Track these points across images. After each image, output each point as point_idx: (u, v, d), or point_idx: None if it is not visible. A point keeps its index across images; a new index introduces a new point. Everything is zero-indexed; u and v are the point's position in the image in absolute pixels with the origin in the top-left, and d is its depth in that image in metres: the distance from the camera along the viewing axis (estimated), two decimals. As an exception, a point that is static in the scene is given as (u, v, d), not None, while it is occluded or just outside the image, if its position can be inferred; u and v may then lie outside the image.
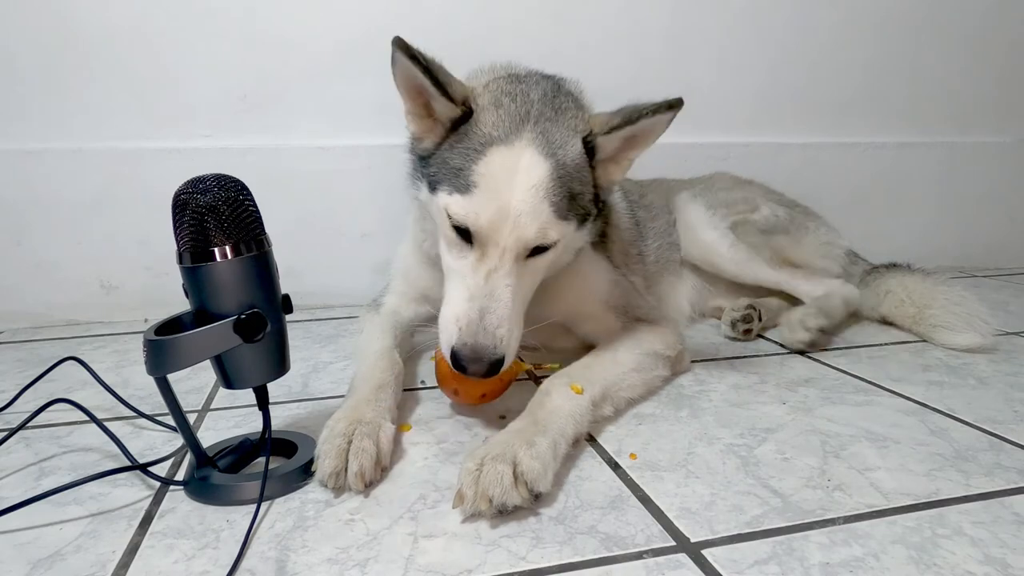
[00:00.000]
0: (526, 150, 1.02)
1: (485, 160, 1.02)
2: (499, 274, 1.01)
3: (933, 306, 1.58)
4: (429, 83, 1.03)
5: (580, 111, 1.13)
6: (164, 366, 0.84)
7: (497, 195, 1.00)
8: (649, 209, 1.75)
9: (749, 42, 2.15)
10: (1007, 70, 2.44)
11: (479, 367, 0.98)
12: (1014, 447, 1.03)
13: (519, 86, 1.12)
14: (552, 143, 1.04)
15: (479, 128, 1.05)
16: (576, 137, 1.08)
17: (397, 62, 1.03)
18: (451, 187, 1.04)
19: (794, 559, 0.74)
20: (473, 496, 0.81)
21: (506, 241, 1.01)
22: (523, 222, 1.00)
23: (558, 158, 1.04)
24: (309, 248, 1.88)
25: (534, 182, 1.01)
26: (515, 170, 1.01)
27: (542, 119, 1.06)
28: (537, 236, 1.02)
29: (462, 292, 1.03)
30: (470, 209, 1.01)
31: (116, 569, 0.74)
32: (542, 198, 1.01)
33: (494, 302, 1.00)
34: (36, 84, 1.70)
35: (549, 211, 1.02)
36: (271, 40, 1.81)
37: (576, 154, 1.07)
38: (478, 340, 0.98)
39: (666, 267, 1.72)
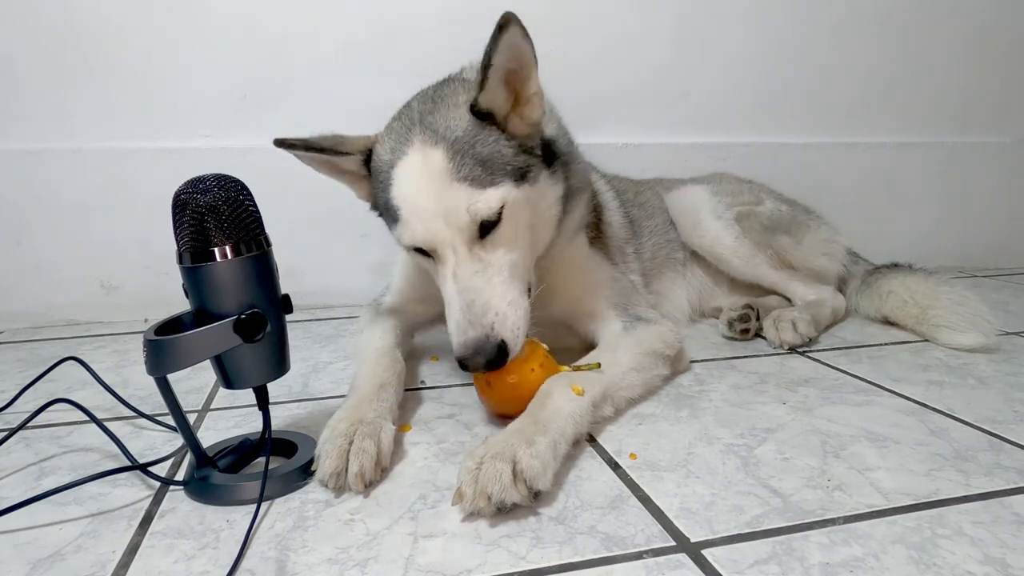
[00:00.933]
0: (419, 152, 1.05)
1: (394, 184, 1.07)
2: (463, 268, 1.04)
3: (936, 306, 1.58)
4: (319, 154, 1.14)
5: (464, 89, 1.12)
6: (164, 366, 0.84)
7: (414, 207, 1.05)
8: (644, 208, 1.75)
9: (750, 43, 2.16)
10: (1007, 70, 2.44)
11: (480, 358, 0.99)
12: (1014, 447, 1.03)
13: (403, 109, 1.18)
14: (437, 131, 1.06)
15: (381, 159, 1.11)
16: (460, 109, 1.08)
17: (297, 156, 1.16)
18: (390, 221, 1.11)
19: (794, 559, 0.74)
20: (472, 494, 0.81)
21: (448, 238, 1.04)
22: (448, 213, 1.02)
23: (447, 139, 1.04)
24: (309, 248, 1.88)
25: (434, 173, 1.03)
26: (414, 176, 1.05)
27: (425, 116, 1.09)
28: (470, 215, 1.02)
29: (448, 300, 1.06)
30: (405, 231, 1.07)
31: (116, 569, 0.74)
32: (449, 181, 1.02)
33: (471, 294, 1.02)
34: (36, 84, 1.70)
35: (464, 187, 1.02)
36: (271, 40, 1.81)
37: (464, 123, 1.06)
38: (468, 335, 1.00)
39: (665, 265, 1.72)
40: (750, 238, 1.67)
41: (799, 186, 2.01)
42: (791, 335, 1.50)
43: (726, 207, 1.70)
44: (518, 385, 1.05)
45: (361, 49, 1.85)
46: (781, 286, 1.71)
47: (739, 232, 1.67)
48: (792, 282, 1.71)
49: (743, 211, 1.71)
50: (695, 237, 1.72)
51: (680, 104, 2.14)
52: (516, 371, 1.04)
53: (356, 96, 1.87)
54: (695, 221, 1.71)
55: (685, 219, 1.74)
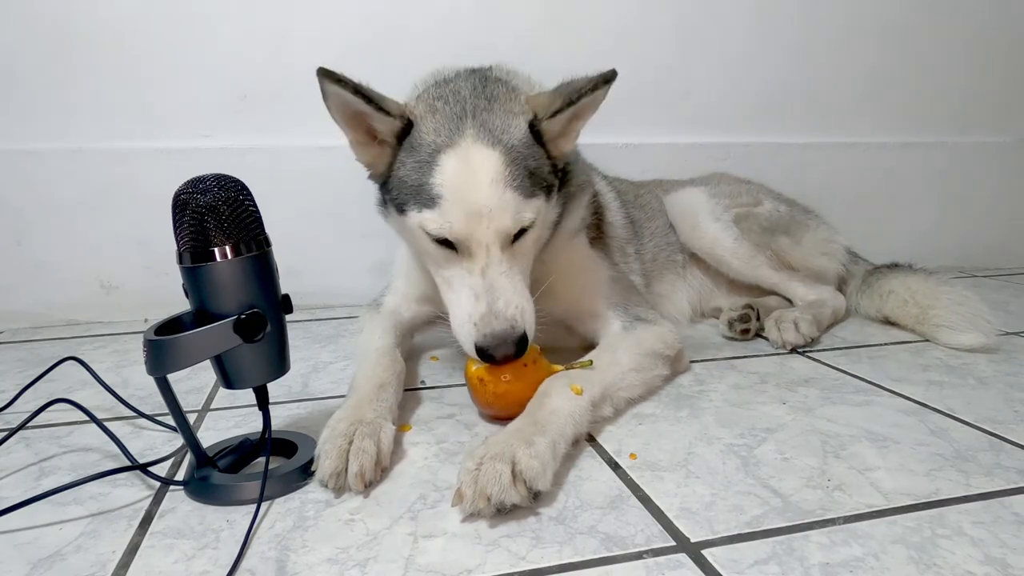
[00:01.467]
0: (473, 146, 1.04)
1: (439, 169, 1.04)
2: (493, 267, 1.05)
3: (936, 306, 1.58)
4: (363, 103, 1.06)
5: (514, 93, 1.15)
6: (164, 366, 0.84)
7: (463, 199, 1.03)
8: (645, 209, 1.75)
9: (750, 43, 2.16)
10: (1007, 70, 2.44)
11: (506, 349, 1.02)
12: (1014, 447, 1.03)
13: (447, 87, 1.15)
14: (494, 131, 1.06)
15: (422, 138, 1.08)
16: (518, 118, 1.10)
17: (328, 93, 1.07)
18: (418, 204, 1.06)
19: (794, 559, 0.74)
20: (472, 495, 0.81)
21: (487, 237, 1.04)
22: (496, 216, 1.03)
23: (505, 144, 1.06)
24: (309, 248, 1.88)
25: (492, 175, 1.03)
26: (470, 170, 1.03)
27: (478, 111, 1.09)
28: (514, 223, 1.05)
29: (466, 294, 1.05)
30: (443, 221, 1.04)
31: (116, 569, 0.74)
32: (504, 187, 1.03)
33: (498, 292, 1.04)
34: (36, 84, 1.70)
35: (515, 196, 1.04)
36: (271, 40, 1.81)
37: (522, 134, 1.09)
38: (495, 328, 1.02)
39: (665, 266, 1.72)
40: (749, 239, 1.68)
41: (799, 186, 2.01)
42: (793, 335, 1.50)
43: (724, 209, 1.70)
44: (512, 382, 1.06)
45: (361, 50, 1.85)
46: (781, 287, 1.71)
47: (738, 234, 1.67)
48: (792, 282, 1.71)
49: (742, 212, 1.71)
50: (694, 239, 1.72)
51: (680, 104, 2.14)
52: (509, 369, 1.06)
53: (356, 96, 1.88)
54: (694, 223, 1.71)
55: (684, 221, 1.74)
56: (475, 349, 1.04)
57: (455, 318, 1.07)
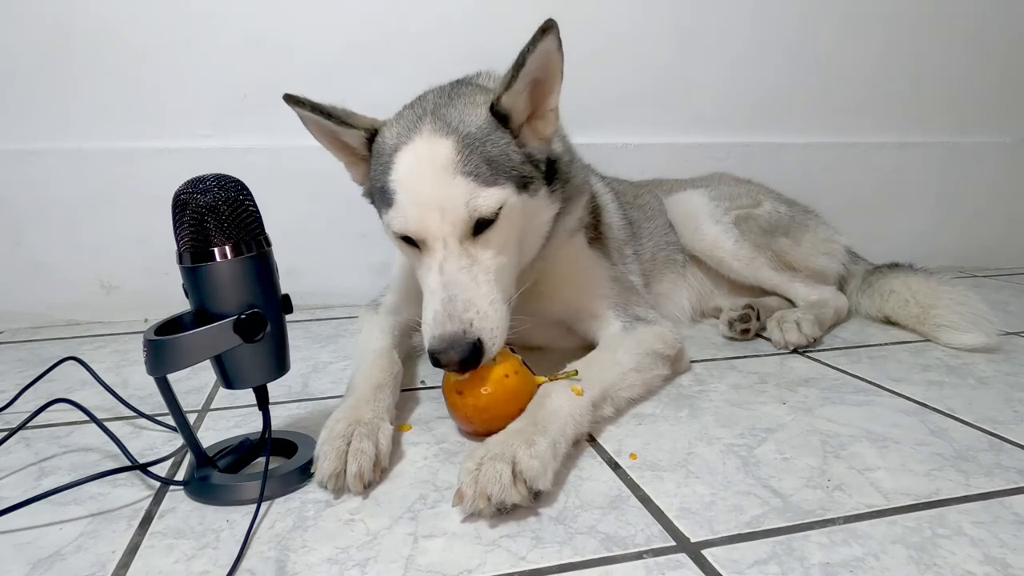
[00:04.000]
0: (425, 141, 1.04)
1: (395, 167, 1.05)
2: (451, 262, 1.02)
3: (938, 306, 1.58)
4: (324, 119, 1.11)
5: (483, 92, 1.14)
6: (164, 366, 0.84)
7: (413, 193, 1.03)
8: (643, 210, 1.75)
9: (750, 43, 2.16)
10: (1007, 70, 2.44)
11: (454, 354, 0.95)
12: (1014, 447, 1.03)
13: (417, 98, 1.18)
14: (450, 123, 1.06)
15: (385, 142, 1.10)
16: (479, 108, 1.09)
17: (301, 117, 1.13)
18: (383, 205, 1.08)
19: (794, 559, 0.74)
20: (472, 495, 0.81)
21: (442, 230, 1.02)
22: (447, 204, 1.01)
23: (459, 132, 1.04)
24: (309, 248, 1.88)
25: (440, 163, 1.02)
26: (419, 162, 1.04)
27: (438, 109, 1.09)
28: (468, 210, 1.01)
29: (427, 294, 1.03)
30: (397, 216, 1.04)
31: (116, 569, 0.74)
32: (455, 174, 1.01)
33: (455, 289, 1.00)
34: (36, 84, 1.70)
35: (468, 183, 1.01)
36: (272, 40, 1.81)
37: (481, 120, 1.07)
38: (446, 329, 0.96)
39: (665, 266, 1.72)
40: (749, 241, 1.68)
41: (799, 186, 2.01)
42: (795, 335, 1.50)
43: (724, 211, 1.71)
44: (493, 394, 0.98)
45: (362, 50, 1.85)
46: (782, 288, 1.71)
47: (738, 235, 1.67)
48: (793, 283, 1.71)
49: (741, 214, 1.71)
50: (695, 241, 1.72)
51: (680, 104, 2.14)
52: (489, 380, 0.99)
53: (356, 97, 1.85)
54: (695, 226, 1.72)
55: (684, 224, 1.74)
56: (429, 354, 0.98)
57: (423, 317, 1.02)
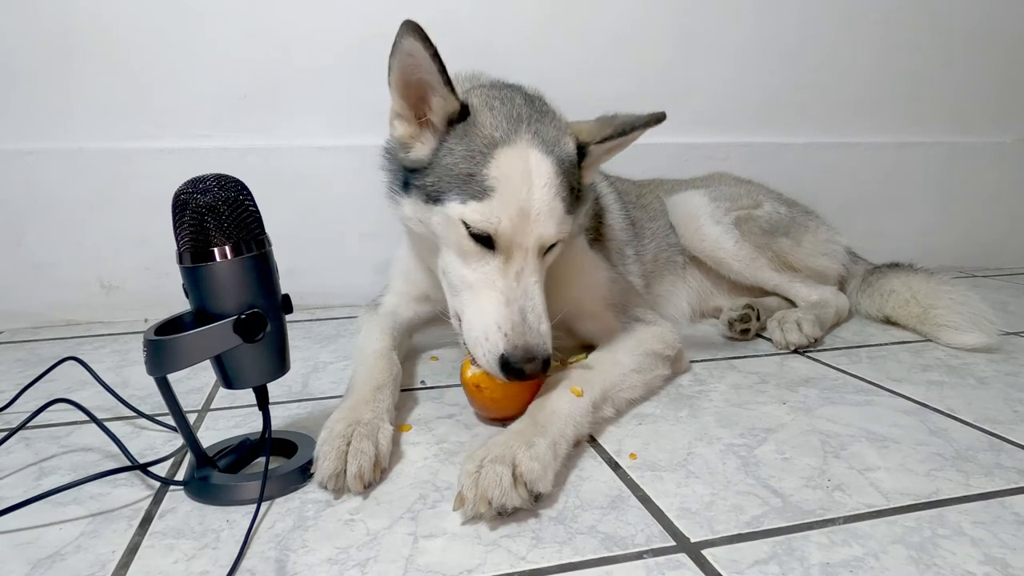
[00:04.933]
0: (530, 149, 1.02)
1: (495, 162, 1.00)
2: (527, 273, 1.01)
3: (938, 306, 1.58)
4: (436, 70, 0.98)
5: (556, 115, 1.15)
6: (164, 366, 0.84)
7: (515, 197, 0.99)
8: (646, 210, 1.75)
9: (750, 43, 2.16)
10: (1007, 70, 2.44)
11: (535, 366, 0.96)
12: (1014, 447, 1.03)
13: (499, 91, 1.14)
14: (548, 141, 1.06)
15: (479, 129, 1.03)
16: (565, 136, 1.10)
17: (402, 47, 0.97)
18: (464, 195, 1.00)
19: (794, 559, 0.74)
20: (473, 498, 0.81)
21: (528, 241, 1.01)
22: (542, 220, 1.01)
23: (556, 155, 1.05)
24: (309, 248, 1.88)
25: (545, 180, 1.01)
26: (526, 169, 1.01)
27: (532, 120, 1.07)
28: (557, 233, 1.03)
29: (495, 297, 0.99)
30: (491, 214, 0.99)
31: (116, 569, 0.74)
32: (554, 195, 1.02)
33: (530, 301, 1.00)
34: (36, 84, 1.70)
35: (561, 207, 1.03)
36: (271, 40, 1.81)
37: (571, 151, 1.10)
38: (528, 340, 0.96)
39: (666, 267, 1.72)
40: (750, 241, 1.68)
41: (799, 186, 2.01)
42: (796, 336, 1.50)
43: (725, 212, 1.71)
44: (509, 386, 1.01)
45: (361, 49, 1.85)
46: (783, 288, 1.71)
47: (739, 236, 1.68)
48: (794, 283, 1.71)
49: (742, 215, 1.71)
50: (695, 242, 1.72)
51: (680, 104, 2.14)
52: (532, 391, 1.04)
53: (356, 96, 1.88)
54: (695, 227, 1.72)
55: (685, 225, 1.74)
56: (500, 361, 0.96)
57: (475, 323, 0.99)
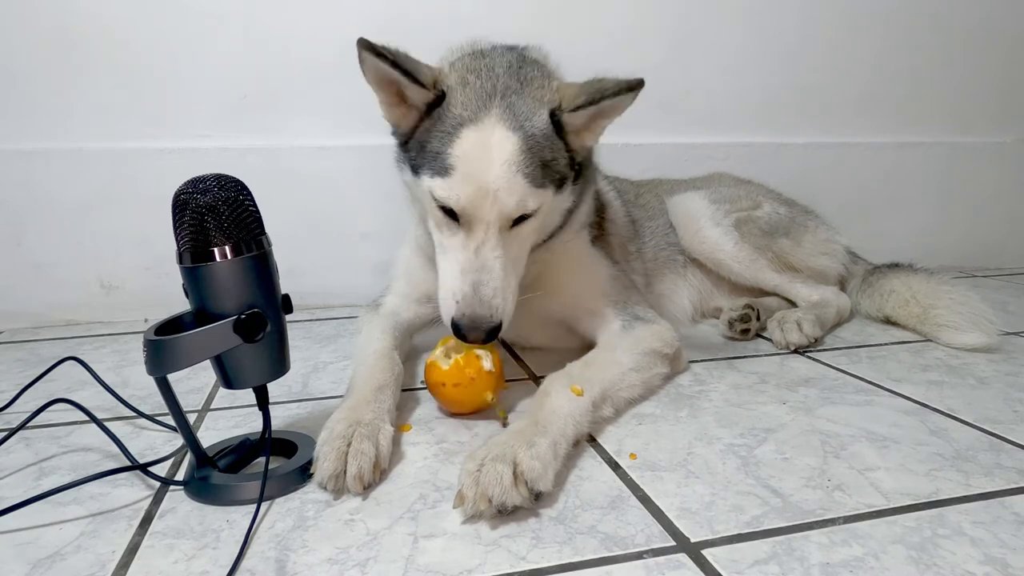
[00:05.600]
0: (495, 127, 1.05)
1: (459, 142, 1.05)
2: (487, 247, 1.06)
3: (938, 306, 1.58)
4: (399, 74, 1.06)
5: (547, 80, 1.16)
6: (164, 366, 0.84)
7: (474, 175, 1.04)
8: (646, 209, 1.76)
9: (750, 43, 2.16)
10: (1007, 70, 2.44)
11: (478, 334, 1.05)
12: (1014, 447, 1.03)
13: (483, 61, 1.15)
14: (519, 116, 1.07)
15: (450, 110, 1.08)
16: (543, 108, 1.10)
17: (365, 61, 1.07)
18: (431, 170, 1.08)
19: (794, 559, 0.75)
20: (473, 497, 0.81)
21: (488, 216, 1.05)
22: (501, 197, 1.04)
23: (526, 130, 1.07)
24: (309, 248, 1.88)
25: (506, 157, 1.04)
26: (487, 148, 1.04)
27: (508, 92, 1.09)
28: (517, 208, 1.06)
29: (454, 267, 1.08)
30: (451, 191, 1.05)
31: (116, 569, 0.74)
32: (515, 172, 1.05)
33: (486, 274, 1.06)
34: (36, 84, 1.70)
35: (524, 183, 1.05)
36: (271, 40, 1.81)
37: (543, 124, 1.10)
38: (475, 311, 1.04)
39: (666, 266, 1.72)
40: (750, 243, 1.68)
41: (799, 186, 2.01)
42: (797, 336, 1.50)
43: (724, 214, 1.71)
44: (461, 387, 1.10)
45: (361, 49, 1.85)
46: (783, 289, 1.71)
47: (738, 238, 1.68)
48: (795, 284, 1.71)
49: (741, 216, 1.71)
50: (695, 244, 1.72)
51: (680, 104, 2.14)
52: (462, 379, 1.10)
53: (356, 96, 1.86)
54: (695, 229, 1.72)
55: (685, 227, 1.74)
56: (451, 323, 1.07)
57: (441, 286, 1.10)
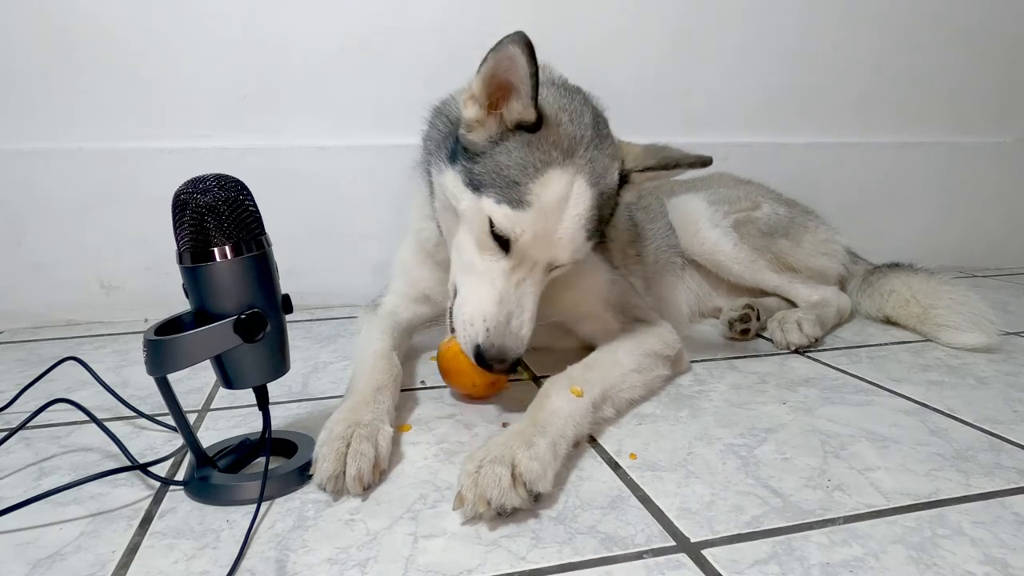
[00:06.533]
0: (577, 178, 1.05)
1: (542, 180, 1.02)
2: (528, 284, 1.07)
3: (938, 305, 1.58)
4: (531, 86, 0.99)
5: (612, 138, 1.16)
6: (164, 366, 0.84)
7: (545, 218, 1.03)
8: (647, 211, 1.75)
9: (750, 43, 2.15)
10: (1007, 70, 2.44)
11: (503, 367, 1.04)
12: (1014, 447, 1.03)
13: (572, 102, 1.11)
14: (596, 172, 1.07)
15: (542, 144, 1.04)
16: (614, 166, 1.12)
17: (507, 50, 0.98)
18: (501, 197, 1.03)
19: (794, 559, 0.75)
20: (472, 498, 0.81)
21: (542, 259, 1.06)
22: (562, 246, 1.06)
23: (599, 188, 1.07)
24: (309, 248, 1.88)
25: (579, 211, 1.05)
26: (566, 197, 1.04)
27: (591, 146, 1.08)
28: (570, 259, 1.08)
29: (490, 294, 1.05)
30: (518, 224, 1.02)
31: (116, 569, 0.74)
32: (581, 227, 1.06)
33: (519, 308, 1.06)
34: (36, 84, 1.70)
35: (583, 238, 1.07)
36: (271, 40, 1.81)
37: (613, 184, 1.12)
38: (506, 343, 1.03)
39: (666, 268, 1.72)
40: (749, 244, 1.68)
41: (799, 186, 2.01)
42: (797, 336, 1.50)
43: (724, 215, 1.71)
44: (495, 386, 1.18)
45: (361, 49, 1.85)
46: (783, 289, 1.71)
47: (737, 239, 1.68)
48: (794, 284, 1.71)
49: (740, 218, 1.72)
50: (695, 246, 1.72)
51: (680, 104, 2.14)
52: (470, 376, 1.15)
53: (356, 96, 1.88)
54: (695, 231, 1.72)
55: (684, 229, 1.74)
56: (474, 348, 1.04)
57: (466, 307, 1.06)
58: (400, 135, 1.63)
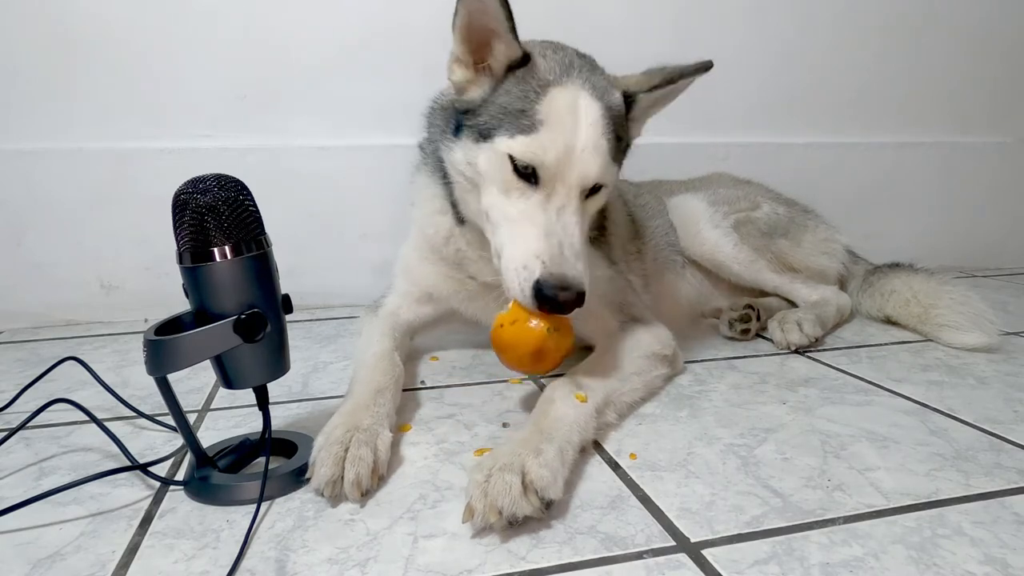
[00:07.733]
0: (581, 91, 1.07)
1: (547, 99, 1.04)
2: (569, 210, 1.05)
3: (939, 305, 1.58)
4: (504, 16, 1.02)
5: (604, 71, 1.18)
6: (164, 366, 0.84)
7: (562, 131, 1.03)
8: (645, 209, 1.75)
9: (750, 42, 2.15)
10: (1007, 70, 2.44)
11: (569, 294, 0.98)
12: (1014, 447, 1.03)
13: (554, 44, 1.17)
14: (597, 88, 1.09)
15: (536, 72, 1.08)
16: (614, 89, 1.13)
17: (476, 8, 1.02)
18: (513, 129, 1.04)
19: (794, 559, 0.75)
20: (483, 508, 0.78)
21: (571, 178, 1.04)
22: (587, 158, 1.04)
23: (605, 101, 1.09)
24: (309, 248, 1.88)
25: (592, 119, 1.05)
26: (575, 108, 1.05)
27: (584, 69, 1.11)
28: (599, 173, 1.06)
29: (534, 230, 1.02)
30: (538, 146, 1.02)
31: (116, 569, 0.74)
32: (600, 134, 1.06)
33: (569, 236, 1.02)
34: (36, 84, 1.70)
35: (606, 147, 1.07)
36: (271, 40, 1.81)
37: (618, 102, 1.13)
38: (565, 270, 0.99)
39: (666, 267, 1.72)
40: (749, 244, 1.68)
41: (799, 186, 2.01)
42: (797, 336, 1.50)
43: (723, 215, 1.71)
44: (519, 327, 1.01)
45: (361, 49, 1.85)
46: (784, 289, 1.71)
47: (737, 239, 1.68)
48: (795, 284, 1.71)
49: (740, 218, 1.72)
50: (695, 247, 1.72)
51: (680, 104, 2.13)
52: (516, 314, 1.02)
53: (356, 96, 1.88)
54: (695, 231, 1.72)
55: (685, 229, 1.74)
56: (534, 288, 0.98)
57: (514, 253, 1.02)
58: (400, 135, 1.64)
